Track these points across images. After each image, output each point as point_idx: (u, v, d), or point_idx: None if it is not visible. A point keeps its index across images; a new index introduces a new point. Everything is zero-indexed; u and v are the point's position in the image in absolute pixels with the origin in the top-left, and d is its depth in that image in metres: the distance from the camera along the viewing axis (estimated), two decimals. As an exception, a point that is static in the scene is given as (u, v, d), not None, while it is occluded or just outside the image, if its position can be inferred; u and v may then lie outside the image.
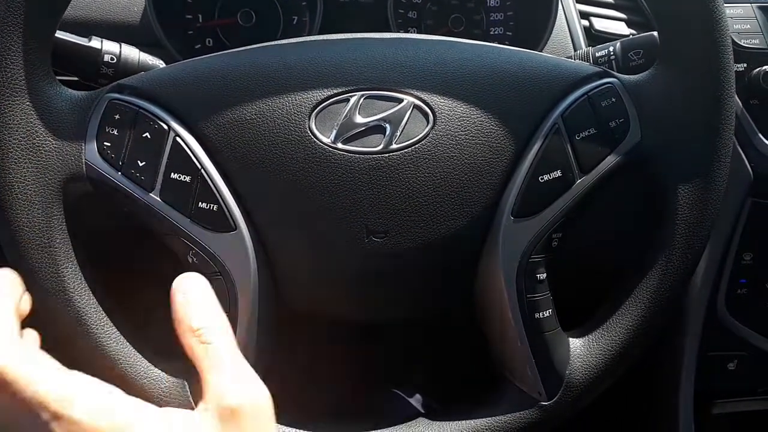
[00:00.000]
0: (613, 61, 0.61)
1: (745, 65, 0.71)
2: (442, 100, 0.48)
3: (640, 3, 0.75)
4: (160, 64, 0.60)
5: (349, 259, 0.48)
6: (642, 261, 0.52)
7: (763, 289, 0.77)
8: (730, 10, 0.72)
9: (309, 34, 0.77)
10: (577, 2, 0.75)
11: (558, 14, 0.77)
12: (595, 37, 0.74)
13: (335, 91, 0.47)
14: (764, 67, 0.70)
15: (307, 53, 0.49)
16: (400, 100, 0.48)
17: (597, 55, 0.62)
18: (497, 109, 0.49)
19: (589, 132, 0.49)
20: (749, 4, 0.73)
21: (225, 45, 0.79)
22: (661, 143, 0.50)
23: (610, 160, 0.50)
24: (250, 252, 0.47)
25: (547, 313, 0.50)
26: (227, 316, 0.43)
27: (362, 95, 0.48)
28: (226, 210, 0.46)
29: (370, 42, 0.51)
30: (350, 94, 0.47)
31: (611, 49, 0.62)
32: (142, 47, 0.66)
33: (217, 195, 0.46)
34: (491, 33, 0.83)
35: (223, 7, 0.79)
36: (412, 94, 0.48)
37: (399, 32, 0.80)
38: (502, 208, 0.49)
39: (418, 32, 0.81)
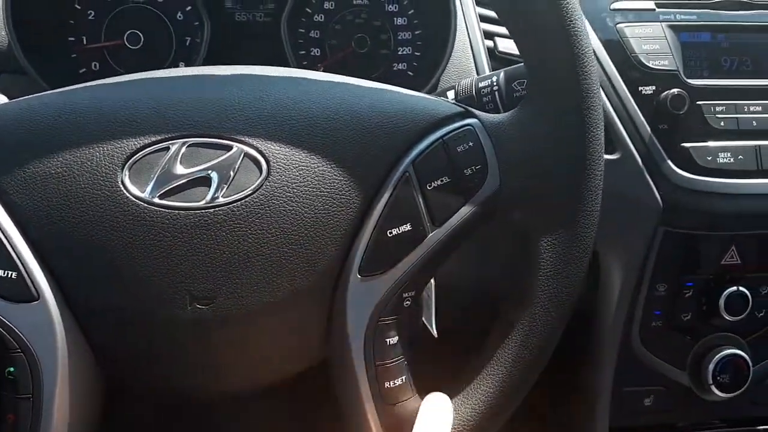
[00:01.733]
0: (496, 93, 0.57)
1: (654, 88, 0.67)
2: (278, 148, 0.43)
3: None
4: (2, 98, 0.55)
5: (171, 331, 0.43)
6: (507, 315, 0.48)
7: (678, 321, 0.73)
8: (638, 30, 0.68)
9: (202, 56, 0.73)
10: (481, 21, 0.72)
11: (462, 34, 0.73)
12: (499, 58, 0.70)
13: (153, 139, 0.42)
14: (673, 90, 0.66)
15: (124, 94, 0.44)
16: (229, 148, 0.43)
17: (480, 86, 0.58)
18: (342, 157, 0.44)
19: (442, 181, 0.45)
20: (658, 23, 0.68)
21: (113, 69, 0.75)
22: (521, 191, 0.46)
23: (465, 211, 0.45)
24: (56, 324, 0.41)
25: (399, 381, 0.45)
26: (31, 398, 0.40)
27: (184, 143, 0.43)
28: (27, 277, 0.41)
29: (199, 80, 0.46)
30: (170, 142, 0.42)
31: (494, 79, 0.58)
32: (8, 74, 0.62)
33: (17, 260, 0.41)
34: (399, 52, 0.79)
35: (109, 28, 0.74)
36: (242, 141, 0.43)
37: (299, 53, 0.76)
38: (349, 266, 0.44)
39: (321, 53, 0.78)
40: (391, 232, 0.44)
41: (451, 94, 0.59)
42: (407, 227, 0.44)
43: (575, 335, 0.78)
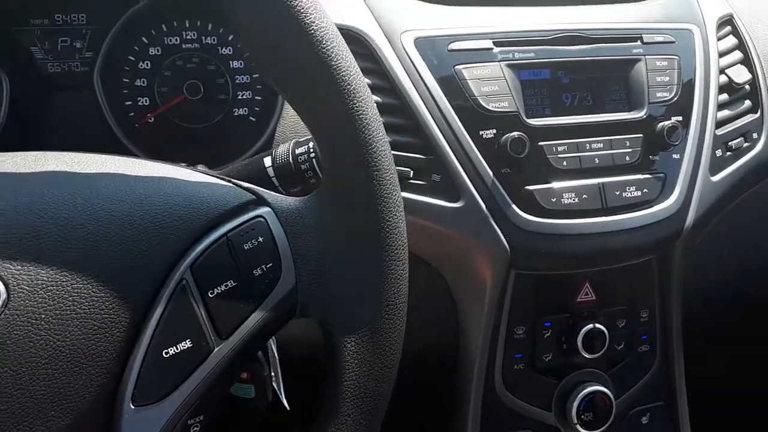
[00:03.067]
0: (314, 160, 0.53)
1: (495, 131, 0.65)
2: (19, 267, 0.36)
3: None
4: None
5: None
6: (310, 427, 0.43)
7: (540, 362, 0.72)
8: (477, 71, 0.66)
9: (4, 114, 0.66)
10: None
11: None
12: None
13: None
14: (513, 134, 0.64)
15: None
16: None
17: (297, 152, 0.53)
18: (104, 269, 0.38)
19: (226, 286, 0.39)
20: (497, 63, 0.66)
21: None
22: (319, 290, 0.41)
23: (256, 318, 0.40)
24: None
25: None
26: None
27: None
28: None
29: None
30: None
31: (311, 144, 0.53)
32: None
33: None
34: (239, 97, 0.74)
35: None
36: None
37: (124, 104, 0.69)
38: (121, 396, 0.38)
39: (151, 102, 0.71)
40: (167, 352, 0.38)
41: (267, 161, 0.54)
42: (187, 344, 0.39)
43: (439, 387, 0.76)
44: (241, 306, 0.40)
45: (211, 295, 0.39)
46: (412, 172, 0.64)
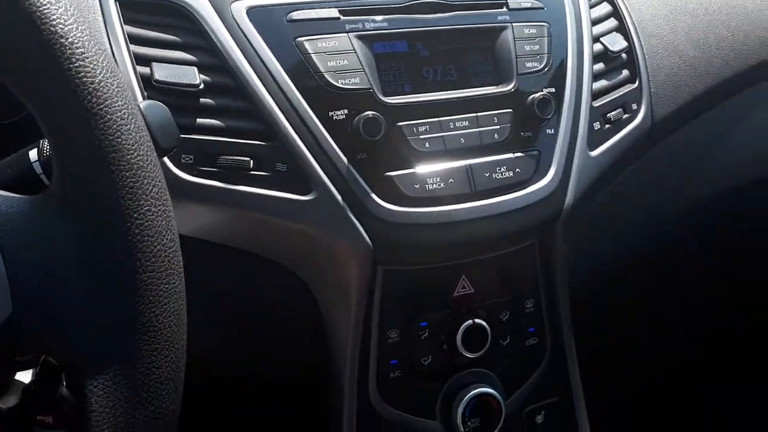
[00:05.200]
0: None
1: (346, 112, 0.58)
2: None
3: None
4: None
5: None
6: None
7: (419, 366, 0.65)
8: (322, 44, 0.58)
9: None
10: (131, 43, 0.58)
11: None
12: (156, 88, 0.56)
13: None
14: (367, 113, 0.57)
15: None
16: None
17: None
18: None
19: None
20: (345, 34, 0.59)
21: None
22: (45, 323, 0.32)
23: None
24: None
25: None
26: None
27: None
28: None
29: None
30: None
31: None
32: None
33: None
34: None
35: None
36: None
37: None
38: None
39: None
40: None
41: (33, 154, 0.45)
42: None
43: (312, 408, 0.67)
44: None
45: None
46: (252, 162, 0.56)
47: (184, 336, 0.34)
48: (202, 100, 0.56)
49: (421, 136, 0.59)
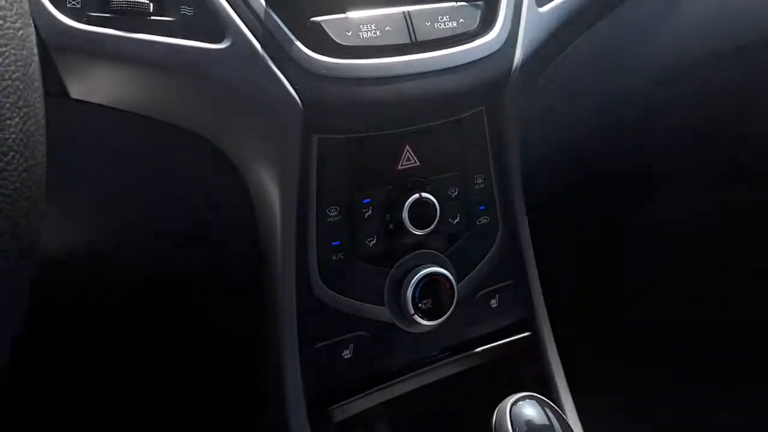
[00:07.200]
0: None
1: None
2: None
3: None
4: None
5: None
6: None
7: (363, 248, 0.59)
8: None
9: None
10: None
11: None
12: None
13: None
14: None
15: None
16: None
17: None
18: None
19: None
20: None
21: None
22: None
23: None
24: None
25: None
26: None
27: None
28: None
29: None
30: None
31: None
32: None
33: None
34: None
35: None
36: None
37: None
38: None
39: None
40: None
41: None
42: None
43: (250, 306, 0.61)
44: None
45: None
46: (152, 5, 0.48)
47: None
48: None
49: (352, -23, 0.52)
